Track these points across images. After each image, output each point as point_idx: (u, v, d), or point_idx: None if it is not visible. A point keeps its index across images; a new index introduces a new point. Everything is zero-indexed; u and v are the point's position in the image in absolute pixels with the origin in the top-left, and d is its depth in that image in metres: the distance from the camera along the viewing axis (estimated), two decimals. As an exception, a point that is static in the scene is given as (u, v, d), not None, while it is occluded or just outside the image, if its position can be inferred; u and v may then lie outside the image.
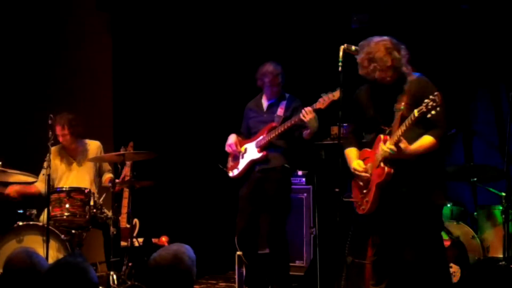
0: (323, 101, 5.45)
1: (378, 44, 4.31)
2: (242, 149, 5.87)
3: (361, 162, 4.44)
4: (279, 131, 5.66)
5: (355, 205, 4.59)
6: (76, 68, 7.68)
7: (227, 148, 5.92)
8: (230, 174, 5.95)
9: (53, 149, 6.09)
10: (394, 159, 4.21)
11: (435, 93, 4.01)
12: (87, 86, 7.68)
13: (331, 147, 6.07)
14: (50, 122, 5.43)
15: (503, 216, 5.38)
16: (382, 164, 4.26)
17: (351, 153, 4.55)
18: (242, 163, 5.85)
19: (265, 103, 5.90)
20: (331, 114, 5.38)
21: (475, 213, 5.97)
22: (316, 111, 5.48)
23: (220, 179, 6.34)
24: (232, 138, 5.92)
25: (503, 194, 5.46)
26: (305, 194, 6.45)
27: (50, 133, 5.42)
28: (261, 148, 5.74)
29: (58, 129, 6.08)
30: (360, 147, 4.56)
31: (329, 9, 7.02)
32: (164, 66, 7.71)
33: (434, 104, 3.99)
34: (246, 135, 5.97)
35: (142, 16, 7.66)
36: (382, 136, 4.31)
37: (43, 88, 7.48)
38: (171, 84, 7.73)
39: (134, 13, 7.67)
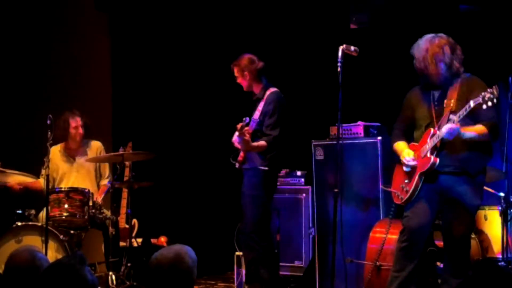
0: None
1: (435, 40, 4.48)
2: None
3: (411, 152, 4.61)
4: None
5: (393, 196, 4.77)
6: (75, 68, 7.68)
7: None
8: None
9: (54, 148, 6.11)
10: (442, 147, 4.41)
11: (493, 86, 4.15)
12: (86, 86, 7.68)
13: (330, 147, 6.07)
14: (49, 122, 5.42)
15: (502, 216, 5.38)
16: (428, 154, 4.46)
17: (401, 145, 4.74)
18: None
19: (254, 95, 5.91)
20: (330, 114, 5.39)
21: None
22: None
23: (219, 179, 6.35)
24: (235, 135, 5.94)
25: (502, 194, 5.46)
26: (304, 195, 6.45)
27: (49, 133, 5.41)
28: (242, 150, 5.79)
29: (75, 121, 6.15)
30: (408, 143, 4.73)
31: (328, 9, 7.03)
32: (163, 66, 7.72)
33: (492, 96, 4.13)
34: None
35: (141, 16, 7.67)
36: (432, 129, 4.50)
37: (42, 88, 7.48)
38: (170, 84, 7.73)
39: (133, 13, 7.67)
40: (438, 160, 4.44)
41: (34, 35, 7.49)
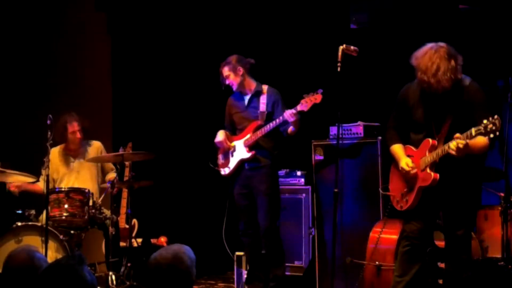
0: (306, 104, 5.47)
1: (439, 51, 4.37)
2: (232, 145, 5.90)
3: (409, 161, 4.51)
4: (265, 131, 5.70)
5: (391, 199, 4.71)
6: (75, 69, 7.68)
7: (218, 145, 5.95)
8: (222, 172, 5.98)
9: (54, 150, 6.12)
10: (441, 163, 4.35)
11: (495, 116, 4.05)
12: (86, 86, 7.68)
13: (330, 147, 6.07)
14: (49, 122, 5.41)
15: (502, 216, 5.38)
16: (428, 170, 4.40)
17: (399, 150, 4.63)
18: (233, 162, 5.89)
19: (245, 97, 5.94)
20: (330, 114, 5.38)
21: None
22: (300, 112, 5.50)
23: (219, 179, 6.34)
24: (221, 135, 5.95)
25: (502, 194, 5.46)
26: (304, 195, 6.44)
27: (49, 133, 5.40)
28: (249, 147, 5.79)
29: (72, 126, 6.15)
30: (403, 143, 4.65)
31: (328, 9, 7.02)
32: (163, 66, 7.71)
33: (494, 128, 4.04)
34: (231, 131, 6.02)
35: (140, 16, 7.66)
36: (430, 140, 4.43)
37: (42, 88, 7.48)
38: (170, 84, 7.73)
39: (132, 13, 7.67)
40: (438, 176, 4.38)
41: (34, 35, 7.49)
